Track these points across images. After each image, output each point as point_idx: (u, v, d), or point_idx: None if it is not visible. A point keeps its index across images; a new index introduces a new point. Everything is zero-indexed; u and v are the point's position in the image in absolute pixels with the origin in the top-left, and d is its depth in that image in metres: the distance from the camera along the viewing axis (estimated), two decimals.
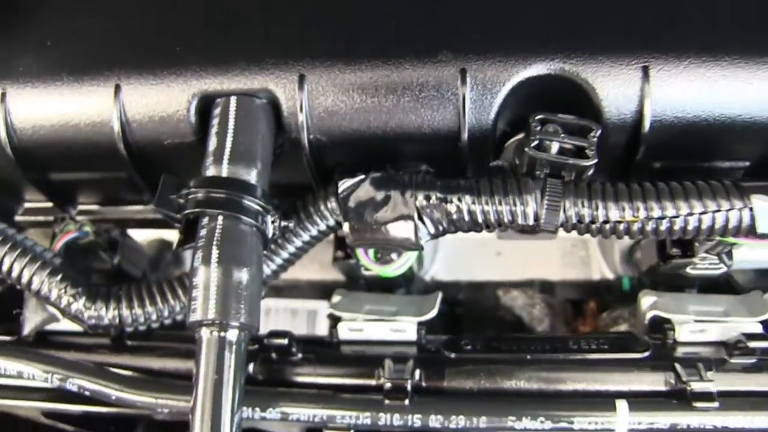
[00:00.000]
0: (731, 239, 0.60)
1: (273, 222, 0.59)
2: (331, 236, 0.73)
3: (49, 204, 0.77)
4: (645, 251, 0.77)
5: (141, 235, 0.86)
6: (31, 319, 0.68)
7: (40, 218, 0.78)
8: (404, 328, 0.64)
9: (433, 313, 0.65)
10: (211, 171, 0.58)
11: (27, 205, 0.78)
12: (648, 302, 0.66)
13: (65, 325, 0.68)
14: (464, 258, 0.91)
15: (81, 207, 0.77)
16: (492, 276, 0.89)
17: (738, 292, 0.70)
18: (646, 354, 0.62)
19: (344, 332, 0.65)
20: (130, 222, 0.77)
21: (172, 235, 0.86)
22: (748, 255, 0.66)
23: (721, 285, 0.74)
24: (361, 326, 0.64)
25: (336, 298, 0.69)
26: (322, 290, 0.92)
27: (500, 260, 0.90)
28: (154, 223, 0.80)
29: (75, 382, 0.61)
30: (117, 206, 0.77)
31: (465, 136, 0.62)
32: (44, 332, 0.69)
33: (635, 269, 0.84)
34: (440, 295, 0.68)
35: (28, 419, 0.69)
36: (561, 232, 0.86)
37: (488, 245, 0.91)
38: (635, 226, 0.55)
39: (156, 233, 0.86)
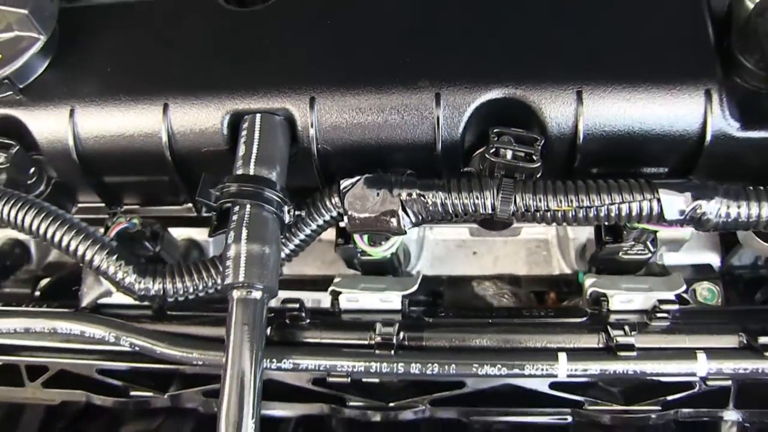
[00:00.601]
0: (651, 227, 0.76)
1: (289, 211, 0.75)
2: (333, 239, 0.89)
3: (99, 204, 0.93)
4: (591, 248, 0.93)
5: (174, 233, 1.02)
6: (88, 294, 0.84)
7: (90, 216, 0.94)
8: (392, 299, 0.79)
9: (415, 287, 0.81)
10: (240, 171, 0.74)
11: (80, 204, 0.95)
12: (589, 282, 0.82)
13: (116, 299, 0.84)
14: (445, 257, 1.06)
15: (125, 206, 0.94)
16: (468, 271, 1.04)
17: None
18: (584, 319, 0.78)
19: (344, 303, 0.80)
20: (165, 220, 0.93)
21: (198, 233, 1.02)
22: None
23: (656, 274, 0.90)
24: (357, 298, 0.80)
25: (337, 279, 0.84)
26: (324, 284, 1.08)
27: (475, 258, 1.06)
28: (186, 222, 0.96)
29: (127, 340, 0.76)
30: (155, 206, 0.93)
31: (439, 147, 0.78)
32: (98, 305, 0.84)
33: (587, 265, 0.99)
34: (421, 275, 0.84)
35: (83, 376, 0.83)
36: (527, 236, 1.02)
37: (466, 246, 1.07)
38: (569, 214, 0.71)
39: (186, 231, 1.02)
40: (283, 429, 0.81)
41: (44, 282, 1.02)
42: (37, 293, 0.98)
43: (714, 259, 1.03)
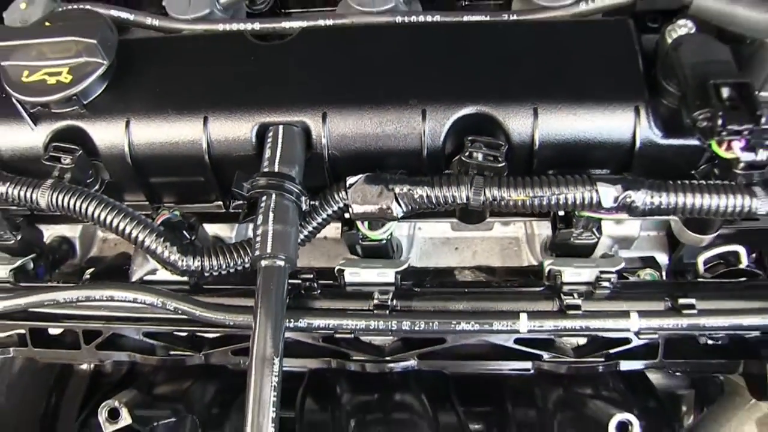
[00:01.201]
0: (593, 215, 0.95)
1: (306, 201, 0.93)
2: (337, 237, 1.07)
3: (142, 203, 1.11)
4: None
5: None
6: (137, 271, 1.02)
7: None
8: (387, 274, 0.98)
9: (406, 266, 0.99)
10: (266, 169, 0.93)
11: (126, 202, 1.13)
12: (547, 262, 1.01)
13: (160, 275, 1.02)
14: (431, 252, 1.24)
15: (165, 204, 1.12)
16: (451, 263, 1.22)
17: None
18: (542, 289, 0.96)
19: (348, 277, 0.98)
20: (198, 215, 1.11)
21: (221, 229, 1.20)
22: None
23: None
24: (359, 272, 0.98)
25: (342, 261, 1.03)
26: (329, 275, 1.26)
27: (457, 252, 1.24)
28: (213, 218, 1.15)
29: (172, 305, 0.94)
30: (189, 204, 1.11)
31: (425, 152, 0.97)
32: (145, 281, 1.02)
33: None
34: (410, 258, 1.02)
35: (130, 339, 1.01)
36: (501, 235, 1.21)
37: (449, 243, 1.25)
38: (527, 203, 0.90)
39: (212, 228, 1.20)
40: (299, 380, 0.98)
41: (89, 271, 1.20)
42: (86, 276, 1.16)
43: (663, 258, 1.23)
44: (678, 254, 1.21)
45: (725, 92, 0.87)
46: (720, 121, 0.85)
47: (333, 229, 1.19)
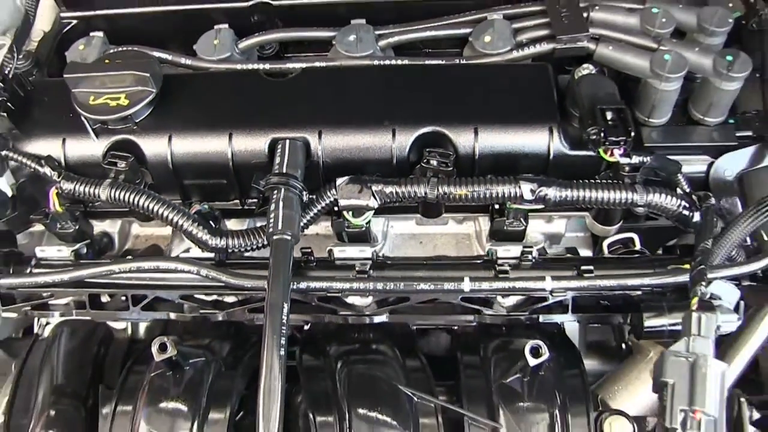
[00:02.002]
0: (519, 206, 1.28)
1: (306, 195, 1.25)
2: (328, 234, 1.39)
3: (177, 200, 1.42)
4: None
5: None
6: (174, 250, 1.32)
7: None
8: (366, 251, 1.28)
9: (380, 246, 1.31)
10: (277, 171, 1.25)
11: None
12: (488, 244, 1.33)
13: (192, 253, 1.33)
14: (401, 245, 1.55)
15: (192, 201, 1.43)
16: (416, 254, 1.54)
17: None
18: (481, 261, 1.29)
19: (336, 253, 1.29)
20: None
21: (236, 224, 1.51)
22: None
23: None
24: (345, 249, 1.29)
25: (332, 244, 1.34)
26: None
27: (421, 246, 1.55)
28: (231, 214, 1.46)
29: (205, 272, 1.24)
30: (212, 201, 1.42)
31: (395, 161, 1.30)
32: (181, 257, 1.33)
33: None
34: (384, 249, 1.34)
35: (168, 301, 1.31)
36: (456, 231, 1.53)
37: (414, 238, 1.56)
38: (469, 196, 1.22)
39: (229, 223, 1.51)
40: (297, 342, 1.29)
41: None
42: None
43: (587, 253, 1.55)
44: (597, 249, 1.54)
45: (609, 114, 1.22)
46: (604, 135, 1.20)
47: (323, 228, 1.51)
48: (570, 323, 1.35)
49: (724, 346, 1.18)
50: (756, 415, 1.08)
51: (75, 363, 1.34)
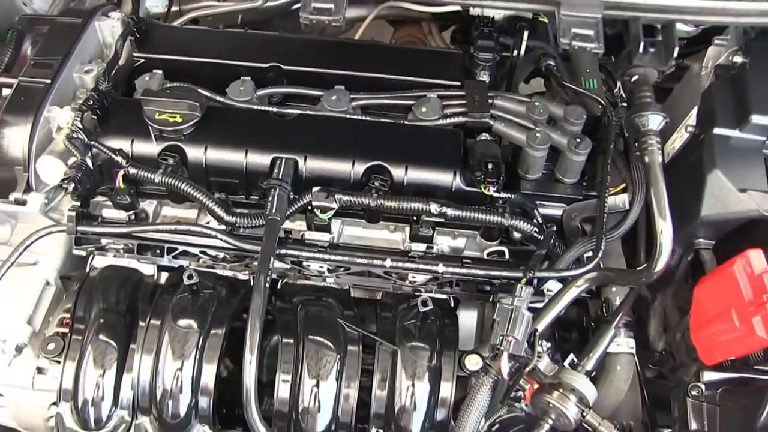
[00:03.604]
0: (430, 219, 1.98)
1: (291, 195, 1.93)
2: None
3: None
4: None
5: None
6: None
7: None
8: (326, 236, 1.97)
9: (335, 234, 1.99)
10: (274, 177, 1.93)
11: None
12: (406, 243, 2.03)
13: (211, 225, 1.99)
14: (349, 242, 2.24)
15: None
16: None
17: None
18: (399, 251, 1.98)
19: (306, 236, 1.95)
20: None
21: None
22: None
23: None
24: (312, 234, 1.96)
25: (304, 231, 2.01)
26: None
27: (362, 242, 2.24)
28: (236, 204, 2.12)
29: (220, 236, 1.90)
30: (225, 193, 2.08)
31: (351, 181, 1.98)
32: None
33: None
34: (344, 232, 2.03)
35: (190, 254, 1.96)
36: (390, 237, 2.24)
37: (360, 239, 2.25)
38: (396, 207, 1.91)
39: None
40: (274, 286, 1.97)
41: None
42: None
43: None
44: None
45: (489, 165, 1.94)
46: (484, 177, 1.91)
47: (298, 225, 2.18)
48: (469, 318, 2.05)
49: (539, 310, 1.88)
50: (547, 345, 1.75)
51: (117, 292, 1.97)
